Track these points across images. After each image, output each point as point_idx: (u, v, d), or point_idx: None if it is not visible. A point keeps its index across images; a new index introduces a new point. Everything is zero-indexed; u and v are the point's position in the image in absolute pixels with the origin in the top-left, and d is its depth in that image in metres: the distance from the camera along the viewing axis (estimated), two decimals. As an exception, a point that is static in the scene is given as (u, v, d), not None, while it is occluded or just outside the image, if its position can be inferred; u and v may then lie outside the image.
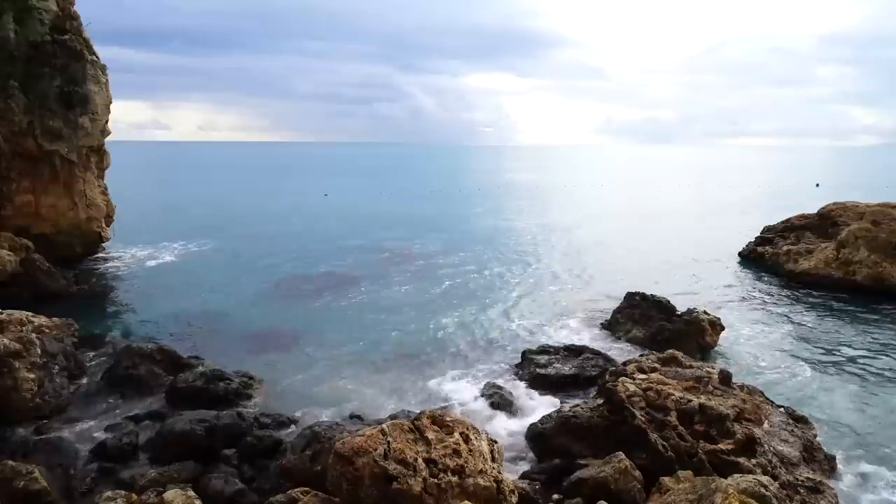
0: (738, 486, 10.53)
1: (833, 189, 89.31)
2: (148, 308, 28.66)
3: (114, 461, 14.93)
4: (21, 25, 32.48)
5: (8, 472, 12.75)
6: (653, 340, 23.10)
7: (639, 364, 17.28)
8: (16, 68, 32.15)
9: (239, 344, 24.04)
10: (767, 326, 26.55)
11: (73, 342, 20.57)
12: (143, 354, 20.23)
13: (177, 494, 11.86)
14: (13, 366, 16.92)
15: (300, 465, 13.48)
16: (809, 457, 14.39)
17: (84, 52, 34.42)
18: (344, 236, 49.61)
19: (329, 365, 21.88)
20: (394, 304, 29.90)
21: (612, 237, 50.46)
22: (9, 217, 32.66)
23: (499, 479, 11.73)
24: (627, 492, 12.66)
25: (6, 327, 18.25)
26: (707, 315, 23.81)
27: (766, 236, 40.72)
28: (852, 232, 33.20)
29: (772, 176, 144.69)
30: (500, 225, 58.06)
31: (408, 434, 11.81)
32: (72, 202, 34.76)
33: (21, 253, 29.40)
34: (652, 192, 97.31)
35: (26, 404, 16.70)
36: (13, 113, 31.93)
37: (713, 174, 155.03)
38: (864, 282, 31.47)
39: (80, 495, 13.67)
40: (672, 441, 13.76)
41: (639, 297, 25.61)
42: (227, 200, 79.06)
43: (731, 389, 15.96)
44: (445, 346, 24.16)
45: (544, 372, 20.14)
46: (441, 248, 44.33)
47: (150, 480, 13.42)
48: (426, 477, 11.03)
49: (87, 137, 34.68)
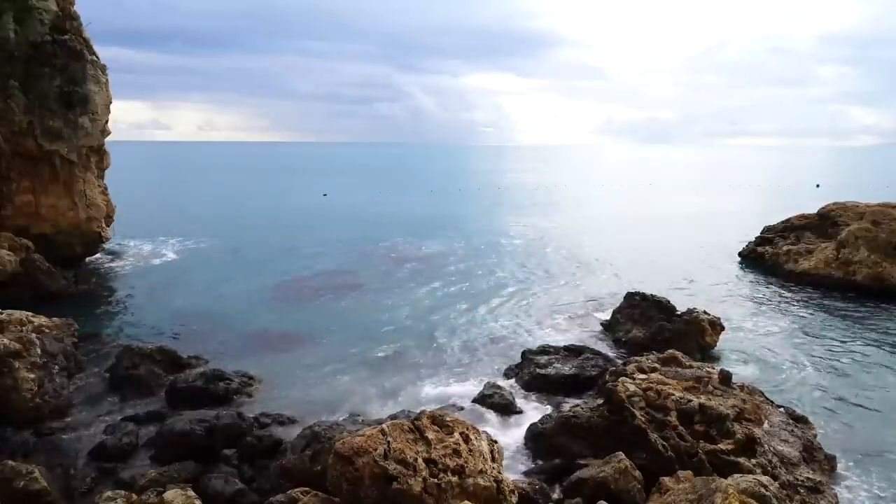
0: (738, 486, 10.53)
1: (833, 189, 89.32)
2: (148, 308, 28.67)
3: (114, 461, 14.94)
4: (21, 25, 32.47)
5: (8, 472, 12.74)
6: (653, 340, 23.08)
7: (639, 364, 17.29)
8: (16, 68, 32.13)
9: (239, 344, 24.05)
10: (767, 326, 26.55)
11: (73, 342, 20.55)
12: (143, 354, 20.23)
13: (177, 494, 11.86)
14: (13, 366, 16.91)
15: (300, 465, 13.48)
16: (809, 457, 14.40)
17: (84, 52, 34.41)
18: (344, 236, 49.61)
19: (329, 365, 21.87)
20: (394, 303, 29.91)
21: (612, 237, 50.47)
22: (9, 217, 32.65)
23: (499, 479, 11.73)
24: (627, 492, 12.67)
25: (6, 327, 18.24)
26: (707, 315, 23.80)
27: (766, 236, 40.72)
28: (852, 232, 33.20)
29: (772, 176, 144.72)
30: (500, 225, 58.07)
31: (408, 434, 11.81)
32: (72, 202, 34.75)
33: (21, 253, 29.40)
34: (652, 193, 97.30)
35: (26, 404, 16.69)
36: (13, 113, 31.91)
37: (713, 174, 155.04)
38: (864, 282, 31.48)
39: (80, 495, 13.67)
40: (672, 441, 13.76)
41: (639, 297, 25.60)
42: (227, 201, 79.10)
43: (731, 389, 15.97)
44: (445, 345, 24.16)
45: (544, 372, 20.12)
46: (441, 248, 44.34)
47: (150, 480, 13.42)
48: (426, 477, 11.03)
49: (87, 137, 34.67)
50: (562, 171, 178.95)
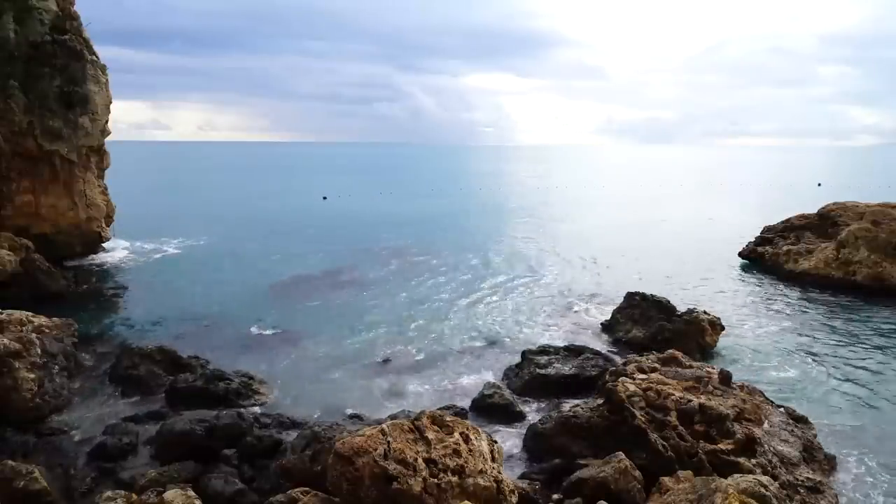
0: (738, 486, 10.53)
1: (833, 189, 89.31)
2: (148, 308, 28.66)
3: (114, 461, 14.95)
4: (21, 25, 32.50)
5: (8, 472, 12.74)
6: (653, 340, 23.08)
7: (639, 364, 17.28)
8: (16, 68, 32.16)
9: (239, 344, 24.06)
10: (767, 326, 26.54)
11: (73, 342, 20.55)
12: (143, 354, 20.25)
13: (177, 494, 11.86)
14: (13, 366, 16.91)
15: (300, 465, 13.48)
16: (809, 457, 14.39)
17: (84, 52, 34.45)
18: (344, 236, 49.65)
19: (329, 365, 21.88)
20: (394, 303, 29.91)
21: (612, 237, 50.46)
22: (9, 217, 32.68)
23: (499, 479, 11.72)
24: (627, 492, 12.66)
25: (6, 327, 18.25)
26: (707, 315, 23.81)
27: (766, 236, 40.69)
28: (852, 232, 33.20)
29: (772, 176, 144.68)
30: (500, 225, 58.09)
31: (408, 434, 11.80)
32: (72, 202, 34.77)
33: (21, 253, 29.41)
34: (652, 193, 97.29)
35: (26, 404, 16.69)
36: (13, 113, 31.94)
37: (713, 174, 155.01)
38: (864, 282, 31.48)
39: (80, 495, 13.68)
40: (672, 441, 13.76)
41: (639, 297, 25.60)
42: (227, 201, 79.09)
43: (731, 389, 15.96)
44: (445, 346, 24.17)
45: (544, 372, 20.12)
46: (441, 249, 44.32)
47: (150, 480, 13.42)
48: (426, 477, 11.02)
49: (87, 137, 34.70)
50: (562, 171, 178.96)
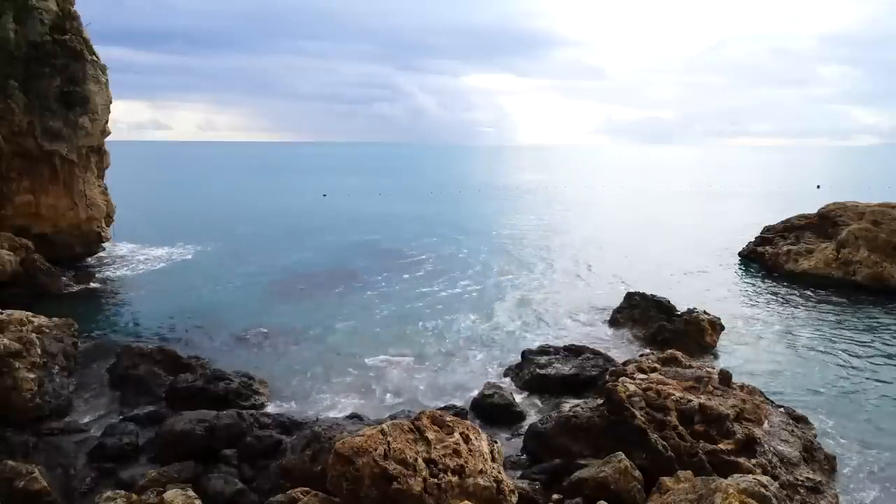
0: (738, 486, 10.53)
1: (833, 189, 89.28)
2: (148, 308, 28.66)
3: (114, 461, 14.93)
4: (21, 25, 32.47)
5: (8, 472, 12.74)
6: (653, 340, 23.10)
7: (639, 364, 17.28)
8: (16, 68, 32.13)
9: (239, 344, 24.06)
10: (767, 326, 26.54)
11: (73, 342, 20.53)
12: (143, 354, 20.24)
13: (177, 494, 11.86)
14: (13, 366, 16.91)
15: (300, 465, 13.48)
16: (809, 457, 14.39)
17: (84, 52, 34.41)
18: (343, 236, 49.63)
19: (329, 365, 21.88)
20: (393, 304, 29.90)
21: (611, 237, 50.45)
22: (9, 217, 32.66)
23: (499, 479, 11.72)
24: (627, 492, 12.66)
25: (6, 327, 18.24)
26: (707, 315, 23.82)
27: (766, 236, 40.69)
28: (852, 232, 33.21)
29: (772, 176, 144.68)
30: (500, 225, 58.05)
31: (408, 434, 11.80)
32: (72, 202, 34.75)
33: (21, 253, 29.42)
34: (652, 193, 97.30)
35: (26, 404, 16.68)
36: (13, 113, 31.91)
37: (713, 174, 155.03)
38: (864, 282, 31.49)
39: (80, 495, 13.68)
40: (672, 441, 13.76)
41: (639, 296, 25.61)
42: (227, 201, 79.06)
43: (731, 389, 15.96)
44: (445, 345, 24.17)
45: (544, 372, 20.12)
46: (441, 249, 44.32)
47: (150, 480, 13.40)
48: (426, 477, 11.03)
49: (87, 137, 34.67)
50: (562, 170, 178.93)
